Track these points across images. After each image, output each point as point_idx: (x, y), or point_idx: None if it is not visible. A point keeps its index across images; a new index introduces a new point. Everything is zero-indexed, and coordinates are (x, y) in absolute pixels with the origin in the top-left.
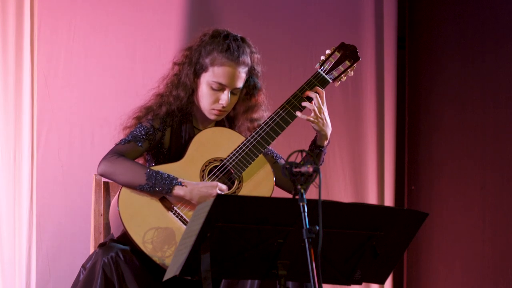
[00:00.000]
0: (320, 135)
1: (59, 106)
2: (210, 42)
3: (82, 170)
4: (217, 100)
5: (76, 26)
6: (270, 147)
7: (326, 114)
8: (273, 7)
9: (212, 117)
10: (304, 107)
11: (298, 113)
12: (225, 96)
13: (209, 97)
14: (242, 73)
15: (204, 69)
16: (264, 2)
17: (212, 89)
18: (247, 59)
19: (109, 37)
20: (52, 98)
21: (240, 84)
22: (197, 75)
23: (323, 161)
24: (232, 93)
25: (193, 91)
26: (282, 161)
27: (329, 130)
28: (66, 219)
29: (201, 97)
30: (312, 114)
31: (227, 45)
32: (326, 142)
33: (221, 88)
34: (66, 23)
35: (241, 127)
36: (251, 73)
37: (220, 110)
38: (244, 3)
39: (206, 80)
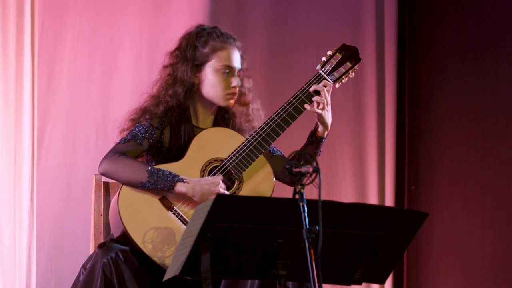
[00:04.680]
0: (322, 126)
1: (63, 106)
2: (201, 34)
3: (86, 170)
4: (229, 84)
5: (80, 25)
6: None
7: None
8: (274, 9)
9: (226, 103)
10: (311, 102)
11: (306, 106)
12: (235, 78)
13: (221, 83)
14: (239, 55)
15: (206, 59)
16: (265, 3)
17: (222, 74)
18: (239, 44)
19: (114, 36)
20: (56, 98)
21: (240, 65)
22: (199, 68)
23: (320, 151)
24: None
25: (192, 86)
26: (279, 153)
27: (330, 121)
28: (69, 219)
29: (211, 87)
30: (321, 106)
31: (219, 32)
32: (326, 133)
33: (229, 70)
34: (70, 22)
35: (236, 120)
36: (242, 59)
37: (234, 93)
38: (245, 4)
39: (213, 68)
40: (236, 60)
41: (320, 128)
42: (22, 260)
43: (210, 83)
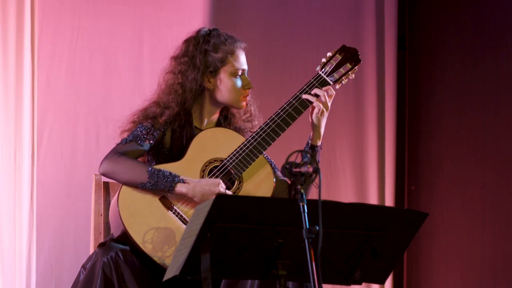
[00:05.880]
0: (316, 133)
1: (62, 106)
2: (208, 39)
3: (86, 171)
4: (243, 86)
5: (79, 25)
6: (269, 157)
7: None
8: (274, 9)
9: (241, 105)
10: (311, 103)
11: (309, 97)
12: (248, 79)
13: (237, 85)
14: (245, 56)
15: (221, 63)
16: (265, 4)
17: (237, 78)
18: (244, 45)
19: (114, 36)
20: (56, 98)
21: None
22: (212, 74)
23: (318, 161)
24: None
25: (201, 92)
26: (278, 173)
27: (323, 130)
28: (68, 219)
29: (228, 92)
30: (316, 110)
31: (226, 35)
32: (319, 142)
33: (242, 73)
34: (69, 22)
35: (236, 119)
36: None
37: (248, 95)
38: (246, 5)
39: (229, 72)
40: (245, 61)
41: (313, 136)
42: (22, 260)
43: (227, 88)
